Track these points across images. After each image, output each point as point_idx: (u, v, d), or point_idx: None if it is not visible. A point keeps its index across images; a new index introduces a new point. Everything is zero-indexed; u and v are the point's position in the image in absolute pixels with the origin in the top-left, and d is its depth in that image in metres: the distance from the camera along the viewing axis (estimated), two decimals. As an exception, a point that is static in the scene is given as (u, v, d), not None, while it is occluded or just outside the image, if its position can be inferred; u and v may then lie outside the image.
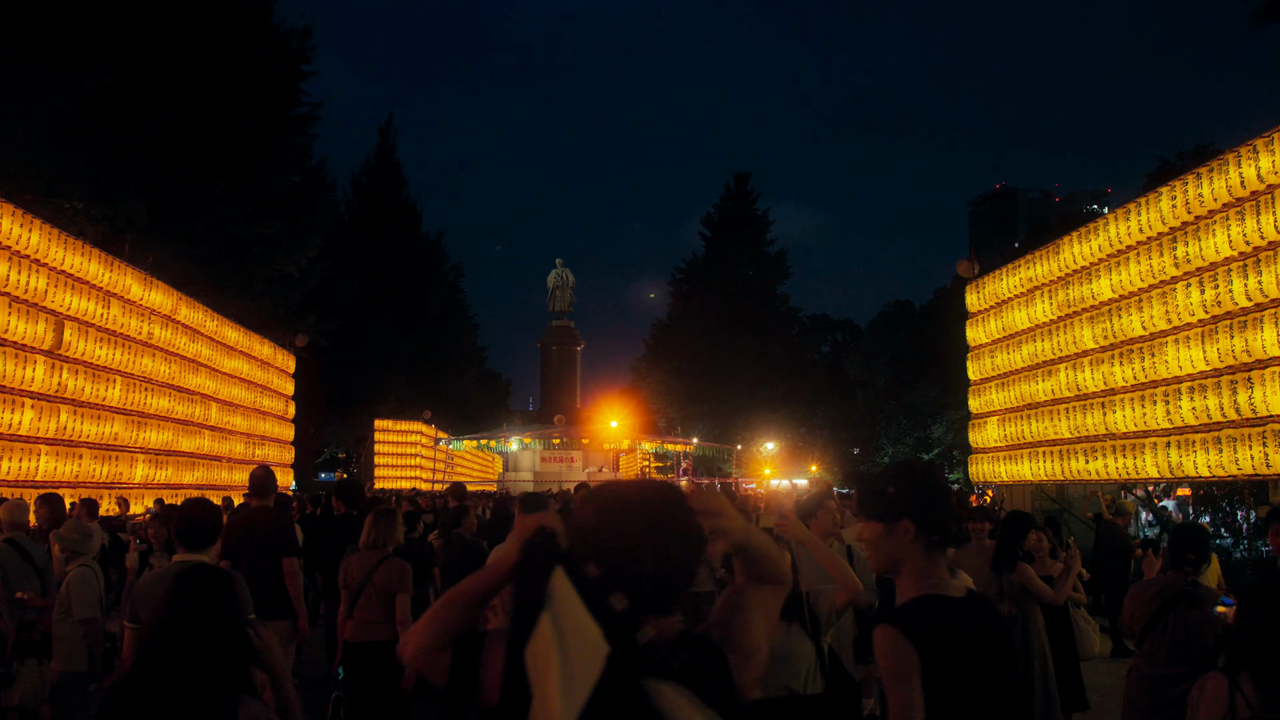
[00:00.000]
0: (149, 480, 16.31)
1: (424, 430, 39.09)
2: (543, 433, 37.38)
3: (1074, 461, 14.61)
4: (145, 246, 18.32)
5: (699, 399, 55.34)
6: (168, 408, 17.09)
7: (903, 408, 52.71)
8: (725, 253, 58.52)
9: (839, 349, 69.30)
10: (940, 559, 2.61)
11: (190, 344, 18.26)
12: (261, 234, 21.84)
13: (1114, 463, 13.58)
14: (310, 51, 23.94)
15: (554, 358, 42.37)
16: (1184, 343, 12.01)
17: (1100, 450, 13.94)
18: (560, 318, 42.33)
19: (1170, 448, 12.30)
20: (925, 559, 2.58)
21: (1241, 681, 3.46)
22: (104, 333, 14.80)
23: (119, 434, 15.23)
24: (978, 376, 18.21)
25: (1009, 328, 16.90)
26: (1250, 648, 3.53)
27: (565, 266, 41.90)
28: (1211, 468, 11.55)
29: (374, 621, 6.39)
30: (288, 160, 24.17)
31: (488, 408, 61.83)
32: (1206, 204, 11.76)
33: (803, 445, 56.21)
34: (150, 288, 16.43)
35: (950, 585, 2.61)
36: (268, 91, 21.93)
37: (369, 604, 6.41)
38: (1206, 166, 11.81)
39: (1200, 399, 11.68)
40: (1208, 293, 11.58)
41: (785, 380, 54.93)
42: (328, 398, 44.05)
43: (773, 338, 56.68)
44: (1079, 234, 14.72)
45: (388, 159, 51.68)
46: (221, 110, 20.01)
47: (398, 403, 42.63)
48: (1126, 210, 13.43)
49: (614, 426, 35.45)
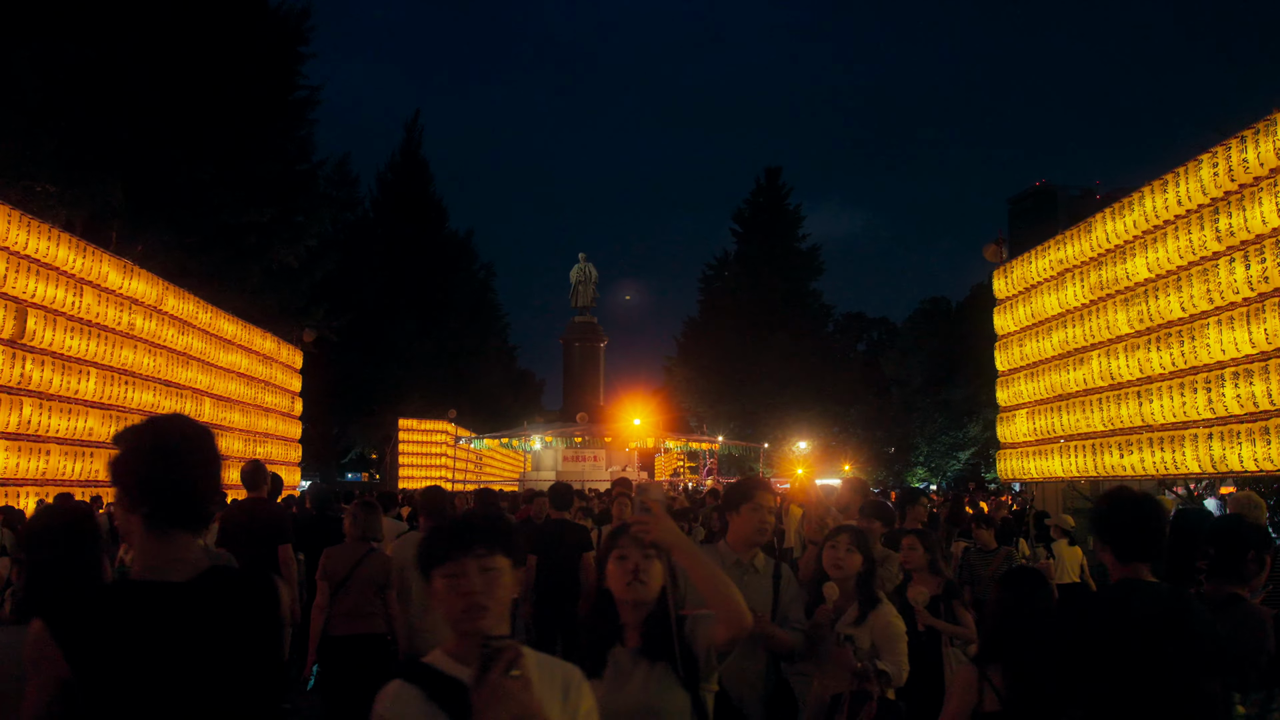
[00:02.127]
0: (130, 478, 15.57)
1: (449, 430, 38.36)
2: (565, 431, 36.49)
3: (1108, 456, 13.51)
4: (134, 235, 17.59)
5: (729, 397, 54.48)
6: (153, 402, 16.34)
7: (938, 405, 51.47)
8: (756, 249, 57.67)
9: (875, 347, 68.12)
10: (177, 538, 2.27)
11: (179, 336, 17.54)
12: (255, 223, 21.01)
13: (1151, 457, 12.48)
14: (309, 33, 23.25)
15: (576, 354, 41.51)
16: (1227, 324, 10.91)
17: (1136, 443, 12.85)
18: (583, 313, 41.46)
19: (1212, 440, 11.21)
20: (148, 537, 2.26)
21: (990, 673, 3.50)
22: (75, 322, 14.07)
23: (94, 429, 14.50)
24: (1006, 367, 17.12)
25: (1038, 314, 15.81)
26: (1000, 639, 3.57)
27: (588, 261, 41.02)
28: (1259, 461, 10.44)
29: (363, 614, 6.37)
30: (284, 147, 23.39)
31: (518, 407, 61.16)
32: (1252, 170, 10.65)
33: (836, 444, 55.00)
34: (131, 276, 15.70)
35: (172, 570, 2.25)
36: (261, 74, 21.14)
37: (357, 596, 6.37)
38: (1251, 129, 10.70)
39: (1245, 385, 10.59)
40: (1253, 268, 10.48)
41: (818, 378, 53.93)
42: (351, 396, 43.64)
43: (805, 335, 55.70)
44: (1112, 210, 13.63)
45: (413, 155, 51.27)
46: (210, 92, 19.22)
47: (423, 401, 42.02)
48: (1164, 181, 12.33)
49: (637, 424, 34.50)
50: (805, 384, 53.35)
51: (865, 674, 4.03)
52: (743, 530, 4.25)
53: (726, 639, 2.85)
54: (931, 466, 53.47)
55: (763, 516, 4.22)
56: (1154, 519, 3.33)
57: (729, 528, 4.32)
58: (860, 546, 4.49)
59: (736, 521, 4.27)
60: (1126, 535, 3.30)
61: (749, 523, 4.22)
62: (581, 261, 41.11)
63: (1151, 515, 3.33)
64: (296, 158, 24.41)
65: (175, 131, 18.67)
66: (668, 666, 2.83)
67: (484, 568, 2.27)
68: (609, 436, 35.60)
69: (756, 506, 4.22)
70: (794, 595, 4.25)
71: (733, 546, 4.25)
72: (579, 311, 41.36)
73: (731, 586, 2.90)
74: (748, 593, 3.82)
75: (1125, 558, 3.29)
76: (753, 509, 4.21)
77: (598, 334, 41.71)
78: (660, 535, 2.83)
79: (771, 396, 53.11)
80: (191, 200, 19.46)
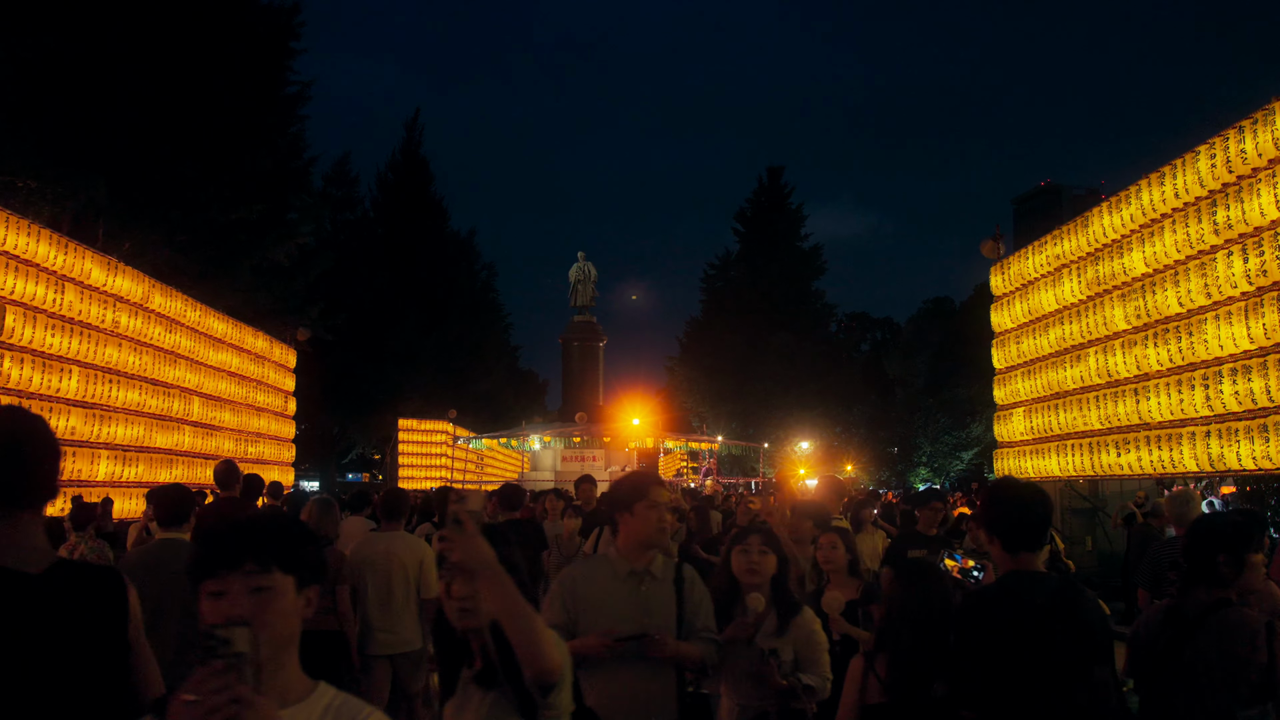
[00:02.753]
0: (115, 478, 15.36)
1: (449, 430, 38.21)
2: (563, 430, 36.28)
3: (1105, 455, 13.25)
4: (120, 232, 17.36)
5: (731, 396, 54.26)
6: (138, 401, 16.15)
7: (941, 405, 51.24)
8: (758, 248, 57.45)
9: (878, 347, 67.92)
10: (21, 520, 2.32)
11: (167, 334, 17.32)
12: (245, 220, 20.75)
13: (1148, 455, 12.23)
14: (299, 28, 22.98)
15: (575, 354, 41.31)
16: (1225, 319, 10.66)
17: (1133, 442, 12.60)
18: (582, 313, 41.26)
19: (1210, 438, 10.96)
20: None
21: (877, 663, 3.47)
22: (56, 319, 13.85)
23: (76, 428, 14.29)
24: (1003, 364, 16.87)
25: (1035, 310, 15.56)
26: (888, 630, 3.53)
27: (587, 260, 40.82)
28: (1257, 459, 10.19)
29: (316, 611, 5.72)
30: (275, 143, 23.14)
31: (520, 407, 61.02)
32: (1250, 161, 10.40)
33: (838, 444, 54.76)
34: (115, 273, 15.48)
35: None
36: (250, 69, 20.88)
37: None
38: (1250, 119, 10.45)
39: (1244, 382, 10.34)
40: (1251, 261, 10.24)
41: (820, 377, 53.71)
42: (351, 396, 43.50)
43: (807, 334, 55.46)
44: (1109, 204, 13.37)
45: (413, 154, 51.11)
46: (197, 87, 18.97)
47: (424, 401, 41.92)
48: (1161, 174, 12.08)
49: (636, 424, 34.24)
50: (807, 384, 53.13)
51: (793, 691, 3.75)
52: (638, 532, 3.75)
53: (533, 679, 2.41)
54: (935, 467, 53.23)
55: (660, 515, 3.74)
56: (1038, 509, 3.31)
57: (620, 531, 3.81)
58: (774, 547, 4.16)
59: (630, 523, 3.76)
60: (1012, 527, 3.26)
61: (645, 523, 3.74)
62: (580, 260, 40.92)
63: (1035, 505, 3.30)
64: (288, 154, 24.15)
65: (161, 127, 18.40)
66: (502, 696, 2.53)
67: (255, 587, 1.93)
68: (608, 436, 35.35)
69: (652, 504, 3.74)
70: (700, 600, 3.82)
71: (625, 553, 3.77)
72: (578, 311, 41.17)
73: (537, 623, 2.39)
74: (648, 603, 3.65)
75: (1013, 549, 3.25)
76: (648, 507, 3.74)
77: (597, 333, 41.49)
78: (466, 556, 2.29)
79: (774, 396, 52.87)
80: (179, 197, 19.19)
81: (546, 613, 3.50)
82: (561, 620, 3.54)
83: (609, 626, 3.52)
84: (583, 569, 3.83)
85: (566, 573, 3.80)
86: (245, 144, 20.86)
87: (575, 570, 3.82)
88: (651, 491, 3.77)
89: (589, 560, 3.93)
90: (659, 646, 3.52)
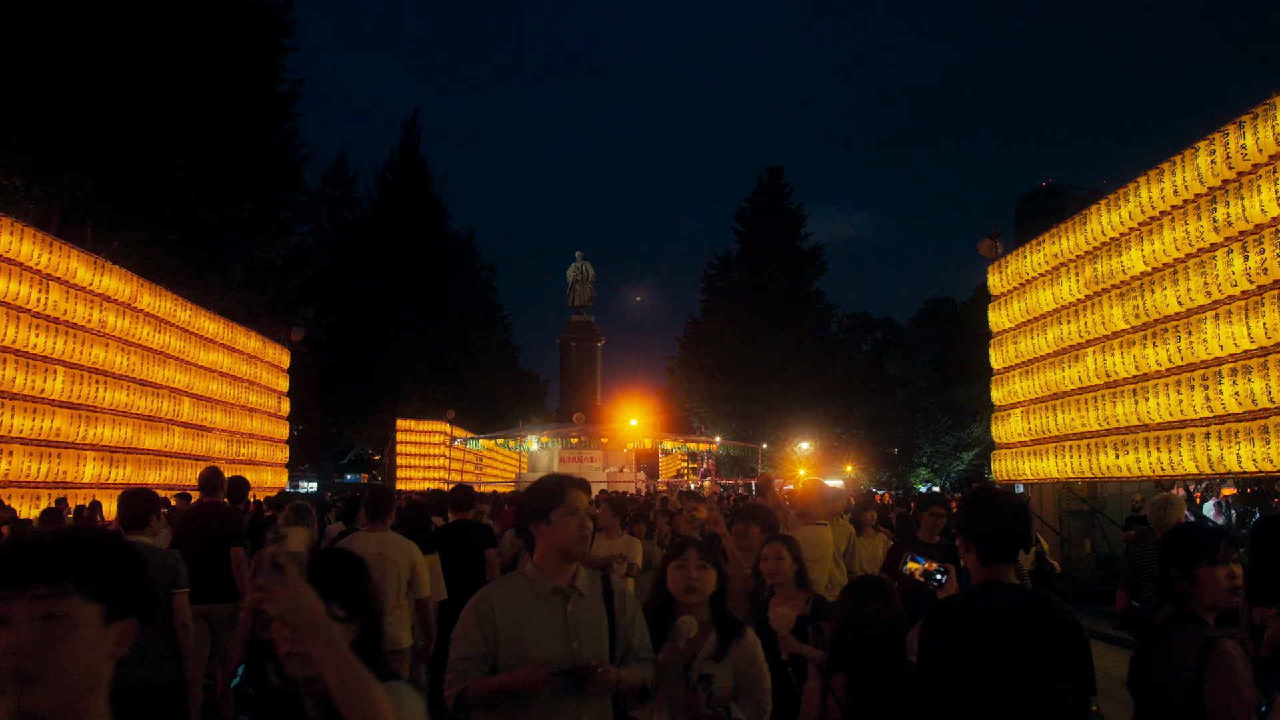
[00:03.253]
0: (101, 479, 15.18)
1: (447, 430, 38.07)
2: (561, 431, 36.07)
3: (1103, 456, 13.06)
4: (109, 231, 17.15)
5: (732, 397, 54.00)
6: (126, 401, 15.97)
7: (942, 406, 51.02)
8: (758, 248, 57.16)
9: (879, 347, 67.68)
10: None
11: (156, 334, 17.15)
12: (236, 218, 20.53)
13: (1147, 457, 12.03)
14: (290, 25, 22.78)
15: (573, 354, 41.12)
16: (1225, 318, 10.48)
17: (1132, 443, 12.40)
18: (580, 312, 41.07)
19: (1210, 439, 10.77)
20: None
21: (834, 683, 3.43)
22: (41, 319, 13.67)
23: (61, 429, 14.11)
24: (1001, 365, 16.67)
25: (1033, 310, 15.36)
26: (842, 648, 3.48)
27: (585, 259, 40.62)
28: (1258, 461, 10.00)
29: None
30: (266, 141, 22.92)
31: (520, 408, 60.80)
32: (1251, 157, 10.22)
33: (838, 445, 54.53)
34: (101, 272, 15.30)
35: None
36: (240, 66, 20.65)
37: None
38: (1250, 114, 10.26)
39: (1244, 382, 10.16)
40: (1252, 260, 10.05)
41: (820, 378, 53.45)
42: (349, 396, 43.35)
43: (807, 334, 55.20)
44: (1108, 201, 13.17)
45: (412, 154, 50.91)
46: (185, 84, 18.74)
47: (422, 402, 41.75)
48: (1160, 171, 11.89)
49: (633, 425, 34.07)
50: (808, 384, 52.87)
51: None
52: (557, 542, 3.27)
53: None
54: (935, 467, 53.01)
55: (581, 521, 3.28)
56: (1016, 520, 3.22)
57: (536, 544, 3.33)
58: (713, 561, 3.77)
59: (547, 534, 3.29)
60: (989, 538, 3.19)
61: (564, 532, 3.26)
62: (578, 260, 40.73)
63: (1014, 516, 3.22)
64: (280, 152, 23.94)
65: (150, 124, 18.16)
66: None
67: (45, 614, 1.57)
68: (605, 437, 35.19)
69: (571, 510, 3.27)
70: (634, 617, 3.42)
71: (545, 568, 3.30)
72: (576, 311, 41.00)
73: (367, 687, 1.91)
74: (577, 624, 3.23)
75: (988, 559, 3.18)
76: (566, 514, 3.26)
77: (594, 333, 41.30)
78: (285, 608, 1.87)
79: (774, 396, 52.60)
80: (168, 195, 18.95)
81: (461, 642, 3.20)
82: (479, 650, 3.16)
83: (535, 653, 3.13)
84: (499, 589, 3.32)
85: (482, 595, 3.29)
86: (236, 142, 20.63)
87: (491, 591, 3.30)
88: (569, 496, 3.29)
89: (505, 580, 3.39)
90: (601, 681, 3.13)
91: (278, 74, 23.24)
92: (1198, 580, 3.22)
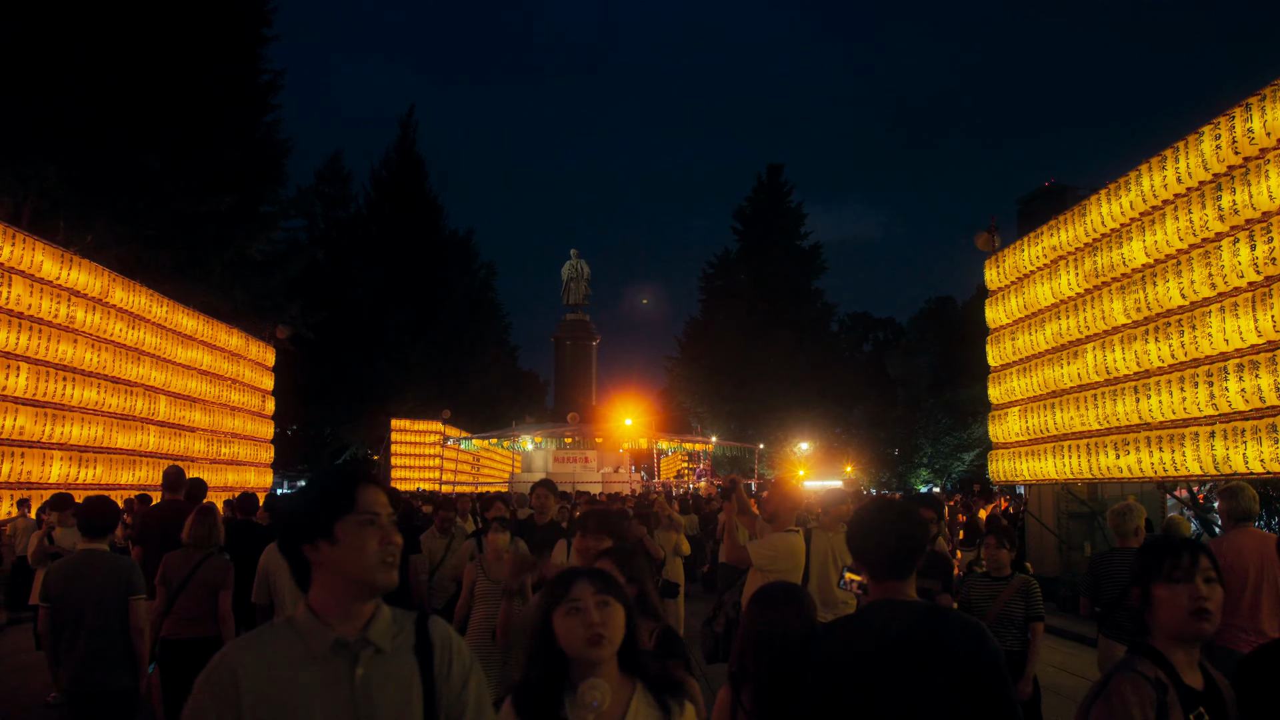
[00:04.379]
0: (69, 480, 14.70)
1: (443, 430, 37.69)
2: (555, 431, 35.66)
3: (1103, 456, 12.55)
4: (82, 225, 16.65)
5: (731, 397, 53.59)
6: (96, 399, 15.50)
7: (942, 406, 50.50)
8: (757, 247, 56.76)
9: (880, 347, 67.20)
10: None
11: (129, 330, 16.68)
12: (214, 212, 19.99)
13: (1149, 457, 11.52)
14: (270, 15, 22.26)
15: (568, 352, 40.72)
16: (1230, 311, 9.97)
17: (1134, 443, 11.89)
18: (575, 311, 40.66)
19: (1215, 438, 10.26)
20: None
21: (744, 695, 3.31)
22: (2, 314, 13.21)
23: (25, 427, 13.64)
24: (998, 362, 16.15)
25: (1030, 305, 14.86)
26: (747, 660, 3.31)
27: (580, 258, 40.15)
28: (1265, 461, 9.50)
29: (197, 619, 6.53)
30: (245, 133, 22.38)
31: (518, 408, 60.31)
32: (1258, 141, 9.71)
33: (838, 445, 54.03)
34: (69, 266, 14.81)
35: None
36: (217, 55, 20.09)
37: (191, 601, 6.55)
38: (1257, 95, 9.75)
39: (1250, 379, 9.66)
40: (1259, 249, 9.55)
41: (820, 377, 53.01)
42: (343, 396, 42.89)
43: (807, 334, 54.78)
44: (1108, 191, 12.66)
45: (408, 151, 50.39)
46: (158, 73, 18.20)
47: (417, 401, 41.32)
48: (1162, 158, 11.38)
49: (628, 424, 33.62)
50: (807, 384, 52.45)
51: None
52: (347, 568, 2.15)
53: None
54: (936, 468, 52.48)
55: (384, 535, 2.17)
56: (909, 534, 2.97)
57: (314, 576, 2.19)
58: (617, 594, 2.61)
59: (329, 557, 2.15)
60: (881, 553, 2.95)
61: (356, 552, 2.14)
62: (574, 258, 40.29)
63: (908, 531, 2.97)
64: (260, 145, 23.42)
65: (121, 113, 17.62)
66: None
67: None
68: (600, 437, 34.78)
69: (366, 517, 2.17)
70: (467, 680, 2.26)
71: (323, 612, 2.16)
72: (571, 309, 40.61)
73: None
74: (370, 698, 2.11)
75: (880, 576, 2.95)
76: (360, 524, 2.16)
77: (589, 332, 40.86)
78: None
79: (773, 396, 52.18)
80: (142, 187, 18.40)
81: None
82: None
83: None
84: (249, 647, 2.13)
85: (220, 659, 2.12)
86: (213, 133, 20.08)
87: (235, 652, 2.13)
88: (362, 497, 2.19)
89: (261, 633, 2.18)
90: None
91: (258, 64, 22.74)
92: (1153, 601, 2.80)
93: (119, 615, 5.69)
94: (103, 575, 5.79)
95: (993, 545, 6.69)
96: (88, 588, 5.64)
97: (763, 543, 5.66)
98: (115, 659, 5.61)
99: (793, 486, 5.97)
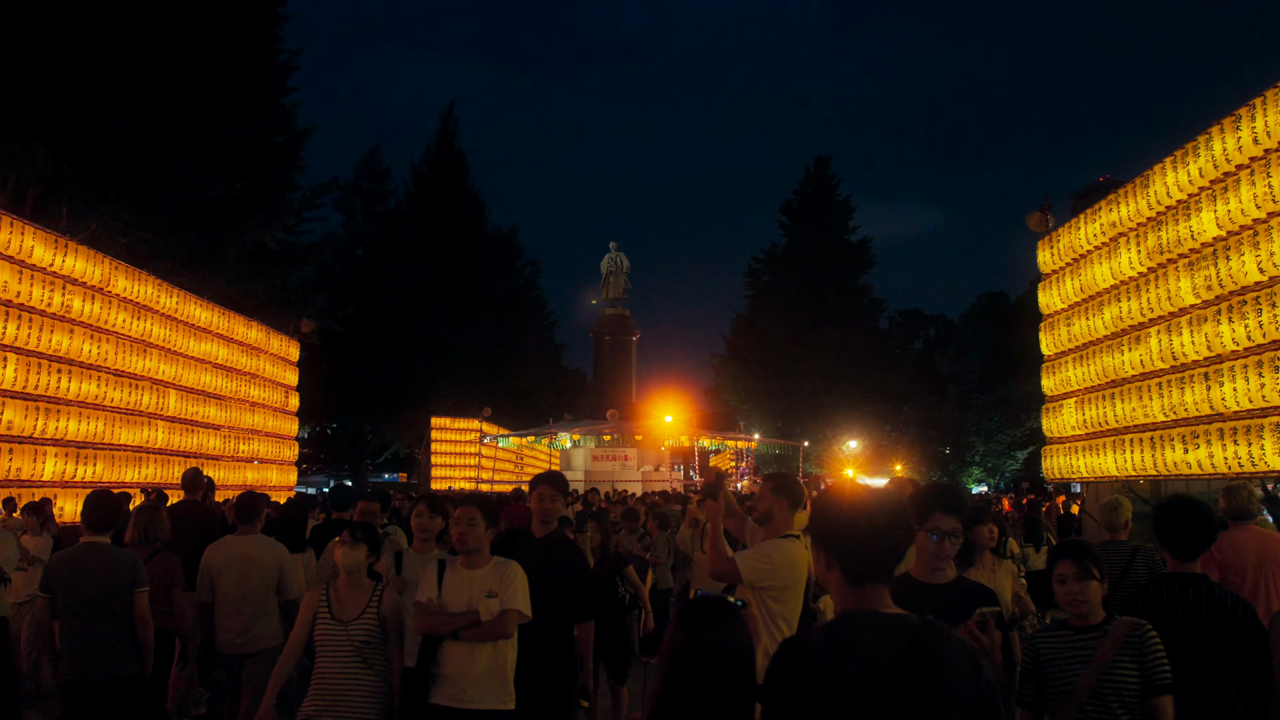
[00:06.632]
0: (65, 477, 14.01)
1: (483, 428, 37.11)
2: (594, 428, 34.79)
3: (1170, 451, 11.38)
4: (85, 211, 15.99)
5: (777, 394, 52.63)
6: (96, 393, 14.82)
7: (995, 403, 49.02)
8: (805, 241, 55.79)
9: (931, 344, 65.78)
10: None
11: (134, 321, 16.00)
12: (225, 198, 19.24)
13: (1222, 451, 10.34)
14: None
15: (607, 348, 39.79)
16: (1317, 285, 8.80)
17: (1204, 435, 10.71)
18: (614, 305, 39.72)
19: (1298, 429, 9.09)
20: None
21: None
22: (-12, 301, 12.55)
23: (14, 421, 12.96)
24: (1052, 350, 14.99)
25: (1088, 287, 13.68)
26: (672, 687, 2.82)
27: (619, 250, 39.23)
28: (1359, 455, 8.32)
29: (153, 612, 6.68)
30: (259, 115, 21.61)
31: (562, 405, 59.68)
32: (1348, 90, 8.53)
33: (887, 444, 52.76)
34: (64, 252, 14.12)
35: None
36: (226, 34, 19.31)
37: None
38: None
39: (1342, 360, 8.48)
40: (1351, 213, 8.37)
41: (868, 374, 51.92)
42: (382, 393, 42.44)
43: (855, 330, 53.72)
44: (1174, 158, 11.48)
45: (449, 146, 49.98)
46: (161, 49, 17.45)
47: (459, 399, 40.79)
48: (1236, 118, 10.21)
49: (668, 421, 32.64)
50: (855, 381, 51.40)
51: None
52: None
53: None
54: (988, 467, 51.01)
55: None
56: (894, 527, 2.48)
57: None
58: None
59: None
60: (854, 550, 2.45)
61: None
62: (613, 251, 39.37)
63: (887, 528, 2.46)
64: (275, 129, 22.68)
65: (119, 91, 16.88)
66: None
67: None
68: (640, 434, 33.90)
69: None
70: None
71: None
72: (610, 304, 39.71)
73: None
74: None
75: (856, 580, 2.45)
76: None
77: (629, 327, 39.92)
78: None
79: (820, 394, 51.20)
80: (145, 171, 17.69)
81: None
82: None
83: None
84: None
85: None
86: (221, 114, 19.32)
87: None
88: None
89: None
90: None
91: (273, 44, 22.00)
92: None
93: (123, 606, 5.90)
94: (105, 567, 5.99)
95: (1072, 575, 3.84)
96: (91, 579, 5.88)
97: (755, 553, 4.55)
98: (120, 649, 5.82)
99: (790, 478, 4.90)
